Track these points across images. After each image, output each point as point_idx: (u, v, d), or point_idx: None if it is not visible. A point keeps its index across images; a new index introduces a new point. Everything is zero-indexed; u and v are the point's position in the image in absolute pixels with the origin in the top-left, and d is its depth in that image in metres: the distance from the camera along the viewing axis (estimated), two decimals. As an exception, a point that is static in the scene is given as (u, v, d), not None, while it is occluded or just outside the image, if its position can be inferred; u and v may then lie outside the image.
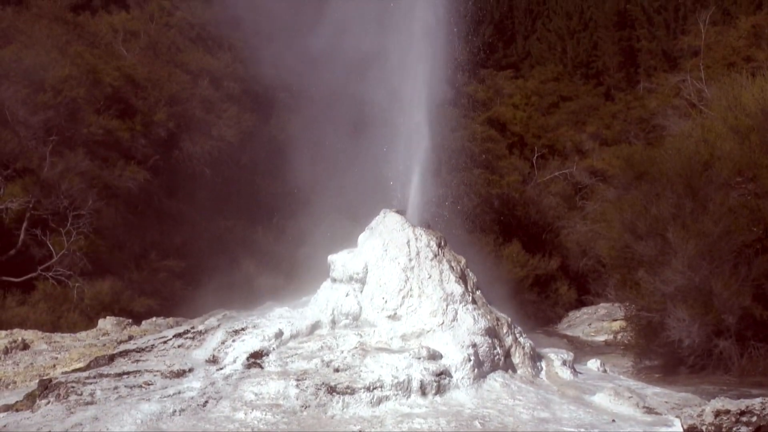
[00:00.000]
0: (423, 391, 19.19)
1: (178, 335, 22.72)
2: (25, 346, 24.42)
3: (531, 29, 74.48)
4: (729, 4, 65.37)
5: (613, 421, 18.91)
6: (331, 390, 18.52)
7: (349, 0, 31.37)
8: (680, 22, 66.94)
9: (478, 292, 22.98)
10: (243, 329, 21.70)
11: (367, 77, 28.70)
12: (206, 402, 18.04)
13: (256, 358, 20.36)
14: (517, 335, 22.57)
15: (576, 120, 58.01)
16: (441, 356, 20.19)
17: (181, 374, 19.64)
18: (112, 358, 21.29)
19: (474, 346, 20.64)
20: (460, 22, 27.43)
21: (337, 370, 19.49)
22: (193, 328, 23.33)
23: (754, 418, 16.10)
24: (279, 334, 21.22)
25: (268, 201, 35.28)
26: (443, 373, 19.67)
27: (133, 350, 22.03)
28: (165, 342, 22.33)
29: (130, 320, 28.06)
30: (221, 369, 20.01)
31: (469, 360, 20.24)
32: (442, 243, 23.17)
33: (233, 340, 21.22)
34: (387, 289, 22.16)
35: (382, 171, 27.08)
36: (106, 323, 27.29)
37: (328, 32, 32.85)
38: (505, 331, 22.34)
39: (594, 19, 71.56)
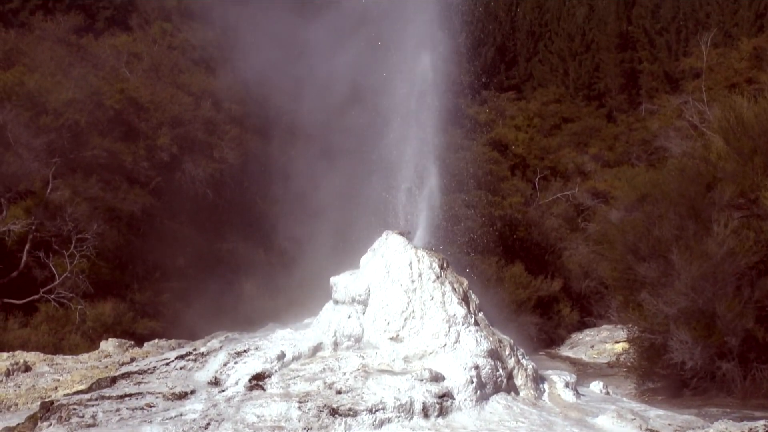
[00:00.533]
0: (425, 413, 19.14)
1: (180, 357, 22.70)
2: (27, 368, 24.37)
3: (533, 51, 74.65)
4: (730, 27, 65.61)
5: (616, 443, 18.87)
6: (334, 412, 18.47)
7: (350, 24, 31.48)
8: (682, 44, 67.14)
9: (481, 314, 22.95)
10: (245, 351, 21.67)
11: (368, 101, 28.81)
12: (208, 424, 17.99)
13: (258, 380, 20.32)
14: (520, 357, 22.53)
15: (578, 141, 58.10)
16: (443, 378, 20.15)
17: (183, 396, 19.61)
18: (114, 380, 21.27)
19: (476, 368, 20.61)
20: (462, 46, 27.56)
21: (339, 392, 19.44)
22: (195, 349, 23.32)
23: (757, 441, 16.09)
24: (281, 356, 21.19)
25: (270, 223, 35.25)
26: (446, 395, 19.63)
27: (135, 372, 22.01)
28: (167, 364, 22.32)
29: (132, 342, 28.01)
30: (223, 391, 19.97)
31: (472, 382, 20.20)
32: (445, 265, 23.15)
33: (235, 362, 21.19)
34: (389, 311, 22.13)
35: (385, 193, 27.12)
36: (108, 345, 27.24)
37: (330, 56, 32.99)
38: (507, 352, 22.30)
39: (596, 41, 71.74)
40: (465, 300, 22.69)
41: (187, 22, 46.64)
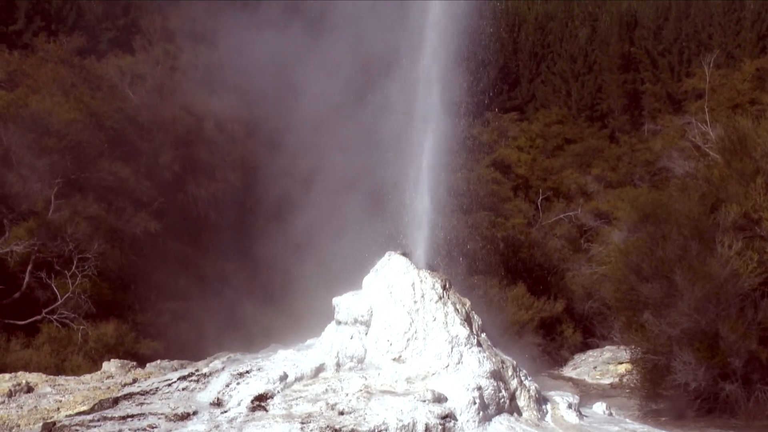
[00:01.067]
0: (428, 434, 19.11)
1: (183, 378, 22.66)
2: (29, 389, 24.33)
3: (536, 72, 74.71)
4: (733, 48, 65.72)
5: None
6: (336, 433, 18.45)
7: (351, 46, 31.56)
8: (684, 65, 67.22)
9: (483, 335, 22.92)
10: (247, 372, 21.64)
11: (371, 121, 28.83)
12: (210, 445, 17.97)
13: (260, 401, 20.29)
14: (523, 378, 22.48)
15: (581, 162, 58.09)
16: (446, 399, 20.11)
17: (185, 417, 19.57)
18: (116, 401, 21.23)
19: (479, 388, 20.56)
20: (465, 67, 27.56)
21: (341, 413, 19.40)
22: (197, 370, 23.29)
23: (761, 462, 16.03)
24: (283, 377, 21.16)
25: (273, 243, 35.22)
26: (448, 416, 19.58)
27: (137, 393, 21.97)
28: (169, 385, 22.28)
29: (135, 363, 27.98)
30: (226, 412, 19.94)
31: (475, 403, 20.16)
32: (447, 285, 23.12)
33: (238, 383, 21.15)
34: (392, 332, 22.11)
35: (387, 214, 27.12)
36: (111, 366, 27.20)
37: (330, 79, 33.04)
38: (510, 373, 22.26)
39: (598, 62, 71.80)
40: (468, 321, 22.66)
41: (190, 43, 46.71)
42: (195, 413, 19.85)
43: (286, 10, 37.24)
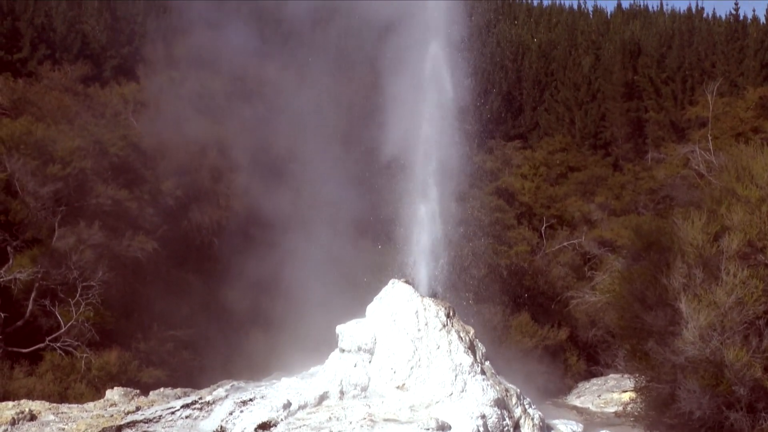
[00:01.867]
0: (432, 462, 19.06)
1: (186, 406, 22.65)
2: (33, 417, 24.31)
3: (539, 100, 74.78)
4: (736, 76, 65.78)
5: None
6: (340, 461, 18.41)
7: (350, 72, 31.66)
8: (688, 93, 67.23)
9: (487, 363, 22.90)
10: (251, 400, 21.62)
11: (372, 151, 28.88)
12: (214, 474, 17.93)
13: (264, 429, 20.28)
14: (526, 406, 22.45)
15: (584, 190, 58.00)
16: (450, 427, 20.07)
17: (188, 445, 19.55)
18: (119, 429, 21.22)
19: (483, 417, 20.53)
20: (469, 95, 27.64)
21: (345, 442, 19.38)
22: (201, 398, 23.27)
23: (766, 492, 15.96)
24: (287, 405, 21.13)
25: (276, 271, 35.21)
26: (452, 445, 19.55)
27: (140, 421, 21.95)
28: (173, 413, 22.26)
29: (138, 391, 27.97)
30: (229, 440, 19.91)
31: (479, 431, 20.10)
32: (451, 313, 23.13)
33: (241, 411, 21.14)
34: (396, 360, 22.10)
35: (391, 241, 27.13)
36: (114, 394, 27.17)
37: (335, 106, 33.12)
38: (514, 402, 22.22)
39: (602, 90, 71.87)
40: (471, 348, 22.65)
41: (194, 71, 46.82)
42: (198, 441, 19.84)
43: (290, 37, 37.37)
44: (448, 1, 26.85)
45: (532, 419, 22.13)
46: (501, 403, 21.54)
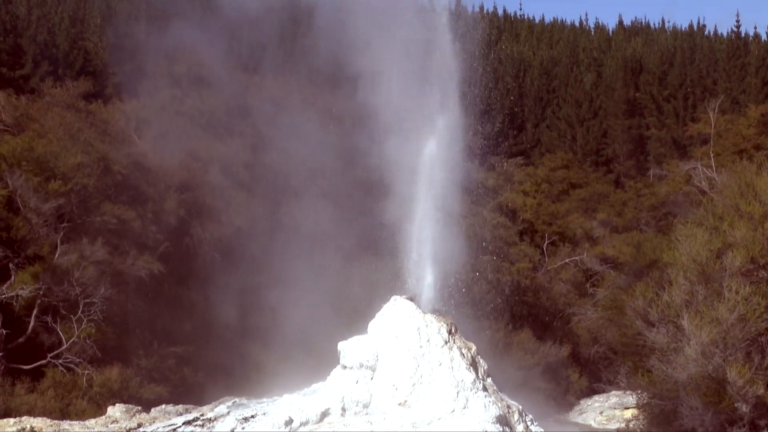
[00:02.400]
0: (434, 479, 19.03)
1: (188, 422, 22.62)
2: (34, 434, 24.30)
3: (541, 117, 74.93)
4: (738, 93, 65.91)
5: None
6: (341, 478, 18.38)
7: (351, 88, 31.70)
8: (689, 110, 67.38)
9: (489, 379, 22.87)
10: (253, 416, 21.60)
11: (375, 170, 28.93)
12: (215, 490, 17.90)
13: (265, 446, 20.23)
14: (528, 423, 22.41)
15: (586, 207, 58.10)
16: (452, 444, 20.04)
17: (189, 462, 19.52)
18: (120, 446, 21.18)
19: (485, 434, 20.49)
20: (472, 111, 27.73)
21: (347, 458, 19.35)
22: (202, 415, 23.24)
23: None
24: (289, 422, 21.10)
25: (278, 288, 35.22)
26: (454, 462, 19.51)
27: (142, 438, 21.94)
28: (174, 430, 22.24)
29: (140, 407, 27.94)
30: (230, 457, 19.88)
31: (481, 448, 20.08)
32: (453, 330, 23.11)
33: (243, 428, 21.11)
34: (397, 377, 22.07)
35: (393, 258, 27.16)
36: (115, 411, 27.15)
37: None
38: (516, 418, 22.19)
39: (603, 107, 72.02)
40: (473, 365, 22.61)
41: (195, 88, 46.91)
42: (200, 458, 19.80)
43: (289, 58, 37.46)
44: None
45: (534, 436, 22.14)
46: (503, 420, 21.51)
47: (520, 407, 22.78)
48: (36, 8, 55.17)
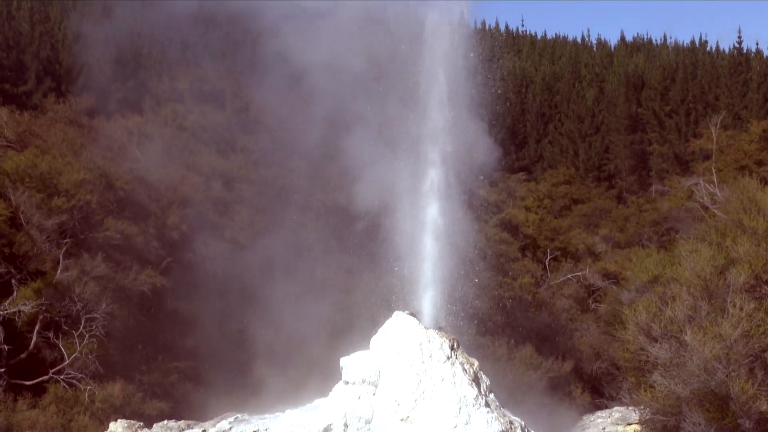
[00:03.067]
0: (436, 495, 19.00)
1: (190, 438, 22.62)
2: (36, 450, 24.29)
3: (543, 132, 74.88)
4: (740, 109, 65.94)
5: None
6: (344, 494, 18.36)
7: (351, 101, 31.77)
8: (691, 126, 67.39)
9: (491, 395, 22.85)
10: (255, 432, 21.59)
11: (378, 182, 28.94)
12: (217, 506, 17.88)
13: (267, 462, 20.22)
14: (531, 439, 22.40)
15: (588, 223, 58.07)
16: (455, 460, 20.01)
17: (192, 478, 19.52)
18: (122, 462, 21.17)
19: (488, 449, 20.47)
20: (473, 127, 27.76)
21: (349, 474, 19.32)
22: (204, 430, 23.28)
23: None
24: (291, 438, 21.09)
25: (280, 303, 35.24)
26: (457, 478, 19.48)
27: (144, 453, 21.91)
28: (176, 445, 22.22)
29: (141, 423, 27.90)
30: (232, 473, 19.86)
31: (483, 464, 20.06)
32: (455, 345, 23.10)
33: (245, 443, 21.10)
34: (400, 392, 22.05)
35: (394, 273, 27.16)
36: (117, 426, 27.12)
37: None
38: (518, 434, 22.17)
39: (605, 123, 72.02)
40: (476, 381, 22.61)
41: (198, 104, 47.02)
42: (202, 474, 19.80)
43: (292, 76, 37.50)
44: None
45: (537, 452, 22.12)
46: (505, 436, 21.51)
47: (523, 423, 22.76)
48: (39, 24, 55.15)
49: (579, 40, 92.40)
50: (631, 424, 34.96)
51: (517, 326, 42.43)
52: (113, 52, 53.12)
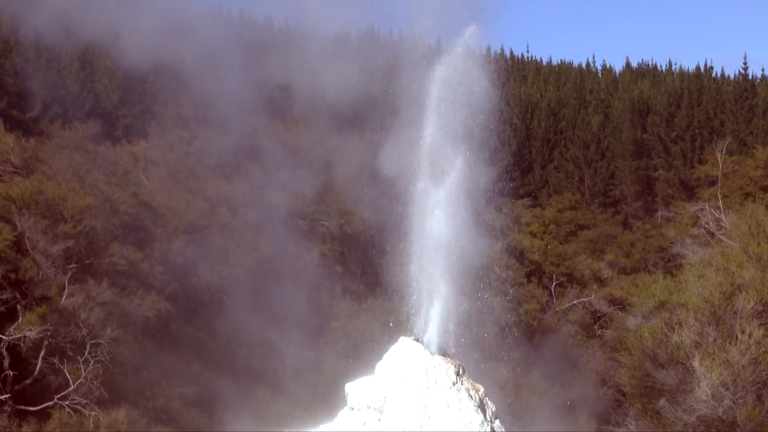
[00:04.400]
0: None
1: (194, 464, 22.54)
2: (40, 476, 24.21)
3: (548, 158, 74.84)
4: (745, 135, 65.91)
5: None
6: None
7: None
8: (697, 151, 67.33)
9: (497, 421, 22.75)
10: (260, 458, 21.52)
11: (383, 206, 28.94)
12: None
13: (272, 488, 20.15)
14: (538, 465, 22.31)
15: (594, 248, 57.97)
16: (460, 487, 19.91)
17: (196, 504, 19.44)
18: (126, 488, 21.09)
19: (493, 476, 20.37)
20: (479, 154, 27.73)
21: (354, 501, 19.24)
22: (208, 457, 23.17)
23: None
24: (296, 463, 21.02)
25: (286, 328, 35.21)
26: (462, 505, 19.39)
27: (148, 479, 21.84)
28: (181, 471, 22.16)
29: (146, 449, 27.87)
30: (237, 499, 19.79)
31: (489, 490, 19.96)
32: (460, 371, 23.01)
33: (250, 469, 21.02)
34: (405, 418, 21.94)
35: (399, 299, 27.10)
36: (122, 452, 27.08)
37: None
38: (525, 461, 22.08)
39: (611, 149, 71.97)
40: (481, 407, 22.50)
41: (203, 129, 47.09)
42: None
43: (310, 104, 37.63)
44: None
45: (543, 478, 22.04)
46: (511, 462, 21.42)
47: (529, 449, 22.72)
48: (45, 51, 55.27)
49: (584, 66, 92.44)
50: (637, 450, 34.86)
51: (523, 352, 42.34)
52: (120, 78, 53.31)
